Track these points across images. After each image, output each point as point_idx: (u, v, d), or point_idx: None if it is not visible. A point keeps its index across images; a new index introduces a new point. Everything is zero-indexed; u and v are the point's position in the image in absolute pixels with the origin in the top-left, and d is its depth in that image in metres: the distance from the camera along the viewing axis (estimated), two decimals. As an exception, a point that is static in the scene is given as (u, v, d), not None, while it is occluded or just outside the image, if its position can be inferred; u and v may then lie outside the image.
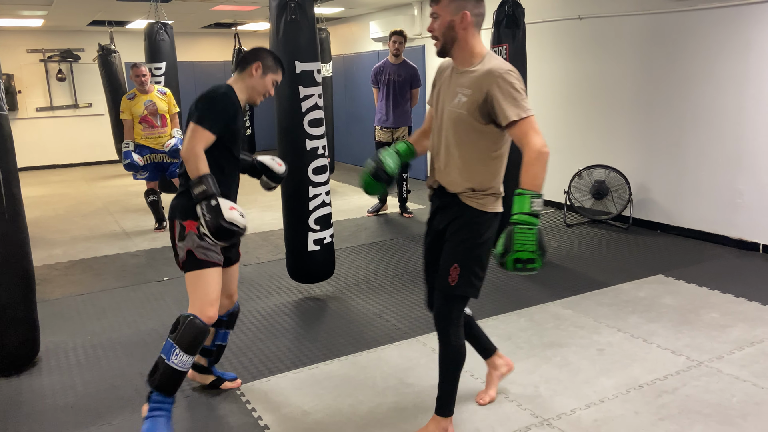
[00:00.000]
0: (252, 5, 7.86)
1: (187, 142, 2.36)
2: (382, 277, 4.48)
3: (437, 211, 2.36)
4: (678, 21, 5.02)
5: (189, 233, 2.42)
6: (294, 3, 3.68)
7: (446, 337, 2.31)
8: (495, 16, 4.58)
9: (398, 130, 6.14)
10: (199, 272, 2.42)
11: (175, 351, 2.35)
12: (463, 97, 2.18)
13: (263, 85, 2.56)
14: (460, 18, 2.15)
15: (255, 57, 2.55)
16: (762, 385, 2.77)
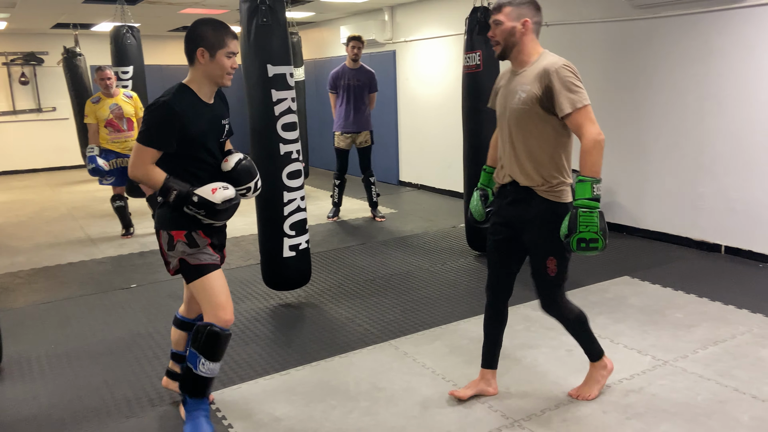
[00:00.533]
0: (221, 9, 7.80)
1: (131, 163, 2.30)
2: (354, 281, 4.48)
3: (511, 204, 2.54)
4: (641, 28, 5.14)
5: (178, 242, 2.35)
6: (265, 6, 3.66)
7: (563, 317, 2.63)
8: (467, 23, 4.63)
9: (360, 135, 6.14)
10: (201, 279, 2.36)
11: (201, 360, 2.37)
12: (522, 93, 2.40)
13: (219, 67, 2.32)
14: (521, 24, 2.41)
15: (194, 43, 2.29)
16: (726, 383, 2.84)
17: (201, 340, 2.35)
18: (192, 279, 2.37)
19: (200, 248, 2.36)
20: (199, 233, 2.38)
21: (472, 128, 4.78)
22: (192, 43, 2.30)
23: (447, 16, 7.16)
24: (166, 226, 2.38)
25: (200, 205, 2.29)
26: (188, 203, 2.29)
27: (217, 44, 2.29)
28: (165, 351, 3.38)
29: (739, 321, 3.53)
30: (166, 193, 2.29)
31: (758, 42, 4.38)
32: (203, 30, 2.30)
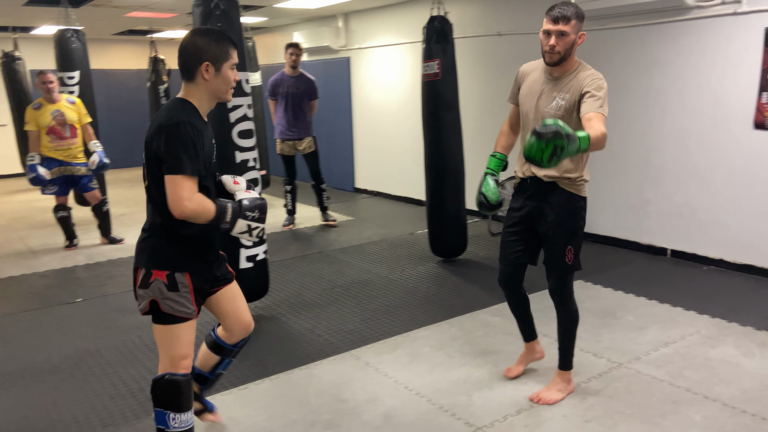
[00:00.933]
0: (169, 12, 7.61)
1: (177, 200, 1.93)
2: (312, 291, 4.42)
3: (531, 197, 2.73)
4: (590, 39, 5.27)
5: (155, 281, 2.05)
6: (219, 11, 3.58)
7: (565, 305, 2.78)
8: (425, 32, 4.66)
9: (302, 142, 6.13)
10: (167, 327, 2.10)
11: (170, 416, 2.12)
12: (561, 101, 2.60)
13: (224, 81, 2.09)
14: (579, 37, 2.60)
15: (198, 57, 2.03)
16: (678, 384, 2.93)
17: (162, 394, 2.12)
18: (158, 322, 2.10)
19: (179, 293, 2.07)
20: (185, 276, 2.08)
21: (432, 136, 4.81)
22: (193, 57, 2.04)
23: (402, 24, 7.20)
24: (145, 262, 2.08)
25: (253, 207, 2.09)
26: (243, 213, 2.06)
27: (222, 56, 2.06)
28: (115, 368, 3.25)
29: (687, 322, 3.65)
30: (222, 216, 2.02)
31: (699, 53, 4.57)
32: (205, 41, 2.05)
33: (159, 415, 2.14)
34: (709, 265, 4.72)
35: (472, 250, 5.32)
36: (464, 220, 4.93)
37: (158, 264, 2.07)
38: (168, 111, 2.02)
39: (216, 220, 2.01)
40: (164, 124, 1.97)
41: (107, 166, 5.47)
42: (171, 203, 1.94)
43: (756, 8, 4.20)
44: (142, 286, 2.08)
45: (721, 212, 4.62)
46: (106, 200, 5.84)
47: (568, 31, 2.53)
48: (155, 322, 2.12)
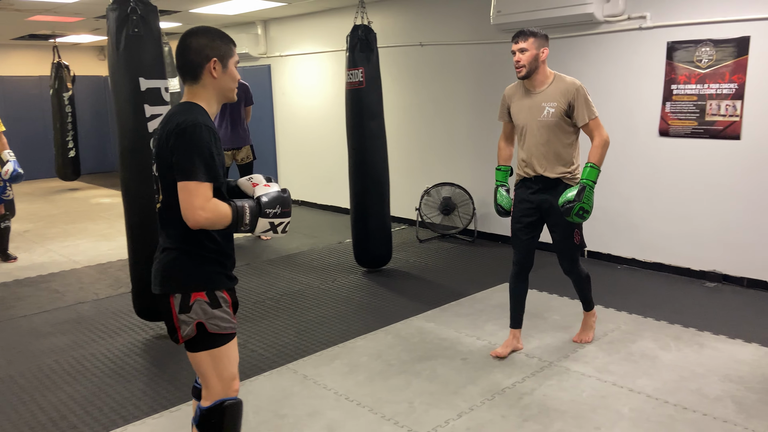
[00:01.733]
0: (75, 16, 7.20)
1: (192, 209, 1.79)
2: (241, 304, 4.29)
3: (538, 192, 3.22)
4: (507, 50, 5.49)
5: (196, 302, 1.89)
6: (137, 15, 3.43)
7: (578, 274, 3.38)
8: (349, 41, 4.66)
9: (241, 151, 5.97)
10: (216, 350, 1.93)
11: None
12: (551, 108, 3.08)
13: (232, 78, 1.99)
14: (542, 53, 3.07)
15: (204, 55, 1.91)
16: (605, 379, 3.08)
17: (221, 422, 1.95)
18: (204, 348, 1.93)
19: (222, 309, 1.94)
20: (223, 292, 1.96)
21: (357, 144, 4.80)
22: (199, 55, 1.91)
23: (324, 32, 7.18)
24: (176, 287, 1.90)
25: (273, 202, 1.94)
26: (263, 211, 1.92)
27: (228, 52, 1.96)
28: (31, 395, 3.01)
29: (607, 319, 3.85)
30: (241, 218, 1.88)
31: (608, 65, 4.86)
32: (208, 38, 1.93)
33: None
34: (623, 264, 5.02)
35: (401, 257, 5.37)
36: (389, 229, 4.95)
37: (196, 285, 1.91)
38: (180, 114, 1.87)
39: (234, 224, 1.87)
40: (179, 127, 1.83)
41: (21, 176, 5.11)
42: (184, 212, 1.80)
43: (659, 23, 4.52)
44: (182, 311, 1.89)
45: (631, 215, 4.92)
46: (8, 215, 5.44)
47: (527, 47, 3.05)
48: (200, 348, 1.92)
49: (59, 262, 5.47)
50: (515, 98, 3.25)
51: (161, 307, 1.96)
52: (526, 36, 3.06)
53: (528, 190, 3.26)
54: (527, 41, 3.05)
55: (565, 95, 3.06)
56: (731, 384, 2.99)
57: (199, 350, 1.93)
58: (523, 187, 3.30)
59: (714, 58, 4.29)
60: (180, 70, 1.95)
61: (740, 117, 4.23)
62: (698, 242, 4.58)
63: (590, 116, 3.06)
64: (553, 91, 3.09)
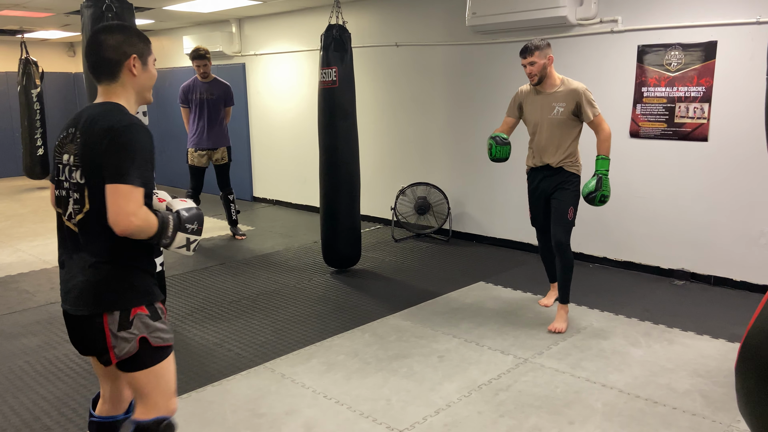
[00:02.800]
0: (45, 11, 7.05)
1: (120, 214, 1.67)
2: (217, 304, 4.27)
3: (544, 179, 3.74)
4: (481, 52, 5.56)
5: (137, 316, 1.78)
6: (112, 13, 3.38)
7: (566, 253, 3.67)
8: (323, 40, 4.66)
9: (217, 152, 5.86)
10: (159, 365, 1.83)
11: None
12: (560, 108, 3.60)
13: (150, 76, 1.89)
14: (548, 60, 3.56)
15: (122, 51, 1.80)
16: (578, 375, 3.15)
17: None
18: (148, 365, 1.81)
19: (162, 320, 1.84)
20: (159, 304, 1.86)
21: (328, 143, 4.79)
22: (117, 51, 1.79)
23: (299, 31, 7.16)
24: (110, 305, 1.77)
25: (192, 218, 1.84)
26: (182, 226, 1.82)
27: (146, 50, 1.86)
28: (3, 397, 2.96)
29: (580, 317, 3.93)
30: (164, 230, 1.77)
31: (581, 67, 4.94)
32: (126, 35, 1.82)
33: None
34: (594, 263, 5.12)
35: (376, 256, 5.39)
36: (358, 230, 4.93)
37: (135, 299, 1.79)
38: (111, 114, 1.75)
39: (158, 236, 1.77)
40: (114, 128, 1.71)
41: None
42: (114, 217, 1.67)
43: (630, 27, 4.63)
44: (123, 328, 1.77)
45: (602, 214, 5.01)
46: None
47: (535, 60, 3.54)
48: (142, 367, 1.80)
49: (29, 262, 5.36)
50: (529, 97, 3.73)
51: (84, 328, 1.80)
52: (532, 51, 3.53)
53: (536, 179, 3.79)
54: (533, 54, 3.53)
55: (574, 97, 3.55)
56: (699, 378, 3.09)
57: (140, 368, 1.81)
58: (534, 176, 3.81)
59: (683, 61, 4.40)
60: (94, 69, 1.82)
61: (708, 119, 4.36)
62: (667, 241, 4.70)
63: (594, 114, 3.56)
64: (563, 93, 3.59)
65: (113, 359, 1.78)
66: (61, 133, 1.84)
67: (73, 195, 1.78)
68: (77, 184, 1.77)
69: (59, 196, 1.84)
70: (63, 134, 1.83)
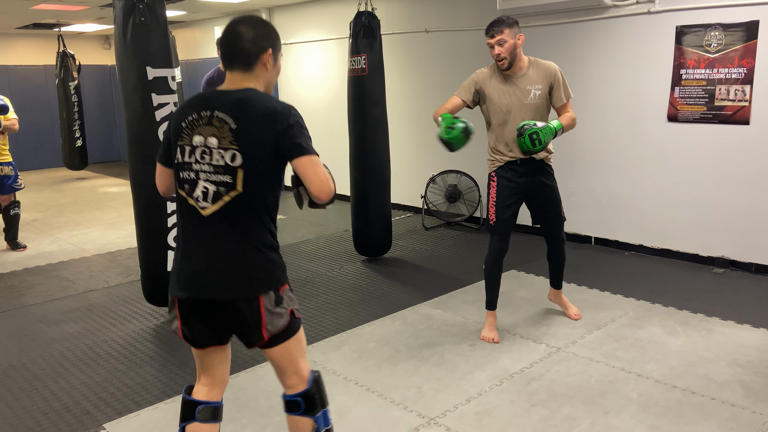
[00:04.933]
0: (80, 5, 7.18)
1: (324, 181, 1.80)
2: (249, 292, 4.32)
3: (524, 175, 3.31)
4: (514, 36, 5.46)
5: (284, 292, 1.87)
6: (143, 4, 3.42)
7: (563, 249, 3.59)
8: (352, 27, 4.64)
9: None
10: (300, 334, 1.94)
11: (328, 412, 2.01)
12: (536, 91, 3.21)
13: (278, 72, 1.96)
14: (518, 39, 3.15)
15: (261, 45, 1.84)
16: (613, 364, 3.09)
17: (319, 393, 1.96)
18: (293, 335, 1.91)
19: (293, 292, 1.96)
20: None
21: (358, 131, 4.79)
22: (256, 45, 1.83)
23: (328, 19, 7.15)
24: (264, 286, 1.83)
25: None
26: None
27: (279, 46, 1.92)
28: (44, 382, 3.05)
29: (615, 306, 3.86)
30: None
31: (616, 50, 4.83)
32: (265, 30, 1.87)
33: (324, 417, 1.98)
34: (630, 251, 5.01)
35: (406, 244, 5.38)
36: (389, 218, 4.93)
37: (282, 277, 1.88)
38: (266, 99, 1.82)
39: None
40: (280, 110, 1.78)
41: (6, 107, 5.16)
42: (318, 185, 1.77)
43: (668, 7, 4.48)
44: (278, 304, 1.84)
45: (638, 201, 4.91)
46: (18, 203, 5.50)
47: (505, 38, 3.11)
48: (290, 336, 1.89)
49: (69, 251, 5.51)
50: (492, 83, 3.27)
51: (228, 312, 1.83)
52: (501, 27, 3.10)
53: (514, 173, 3.32)
54: (503, 32, 3.10)
55: (547, 77, 3.21)
56: (739, 369, 3.00)
57: (289, 338, 1.88)
58: (509, 171, 3.32)
59: (723, 42, 4.25)
60: (229, 57, 1.85)
61: (749, 102, 4.20)
62: (706, 228, 4.57)
63: (568, 97, 3.26)
64: (534, 74, 3.22)
65: (265, 336, 1.83)
66: (187, 116, 1.84)
67: (215, 178, 1.79)
68: (226, 167, 1.77)
69: (186, 179, 1.84)
70: (191, 117, 1.83)
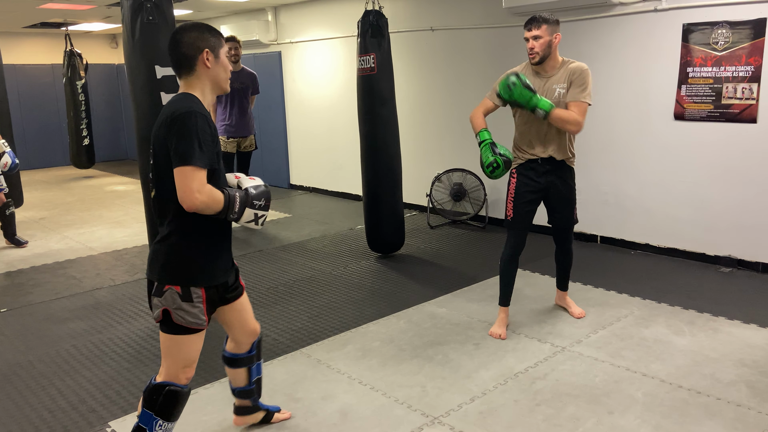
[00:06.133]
0: (87, 4, 7.21)
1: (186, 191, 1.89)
2: (255, 290, 4.33)
3: (544, 174, 3.31)
4: (518, 34, 5.43)
5: (169, 290, 2.02)
6: (151, 3, 3.43)
7: (571, 249, 3.60)
8: (360, 26, 4.64)
9: (246, 139, 6.00)
10: (177, 337, 2.06)
11: (158, 422, 2.09)
12: (561, 90, 3.19)
13: (224, 68, 2.09)
14: (555, 38, 3.16)
15: (197, 47, 2.01)
16: (618, 364, 3.08)
17: (158, 401, 2.08)
18: (167, 332, 2.07)
19: (192, 303, 2.04)
20: (200, 288, 2.05)
21: (368, 130, 4.80)
22: (192, 47, 2.01)
23: (334, 18, 7.15)
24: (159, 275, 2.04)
25: (259, 195, 2.08)
26: (250, 202, 2.04)
27: (218, 43, 2.07)
28: (50, 380, 3.07)
29: (620, 305, 3.84)
30: (231, 205, 2.00)
31: (622, 48, 4.80)
32: (198, 32, 2.03)
33: (146, 416, 2.09)
34: (636, 249, 4.99)
35: (411, 243, 5.38)
36: (401, 215, 4.96)
37: (172, 278, 2.03)
38: (174, 104, 1.97)
39: (225, 211, 1.99)
40: (174, 115, 1.92)
41: (17, 166, 5.24)
42: (181, 195, 1.90)
43: (674, 5, 4.46)
44: (156, 294, 2.04)
45: (645, 199, 4.88)
46: (11, 202, 5.54)
47: (541, 34, 3.14)
48: (164, 331, 2.08)
49: (75, 249, 5.54)
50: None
51: (148, 287, 2.11)
52: (539, 23, 3.14)
53: (534, 173, 3.33)
54: (540, 28, 3.14)
55: (570, 75, 3.18)
56: (745, 368, 2.98)
57: (164, 332, 2.07)
58: (530, 170, 3.34)
59: (730, 40, 4.22)
60: (175, 65, 2.05)
61: (757, 100, 4.17)
62: (713, 227, 4.54)
63: (583, 98, 3.15)
64: (562, 74, 3.22)
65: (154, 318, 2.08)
66: None
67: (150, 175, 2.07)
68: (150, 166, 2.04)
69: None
70: None
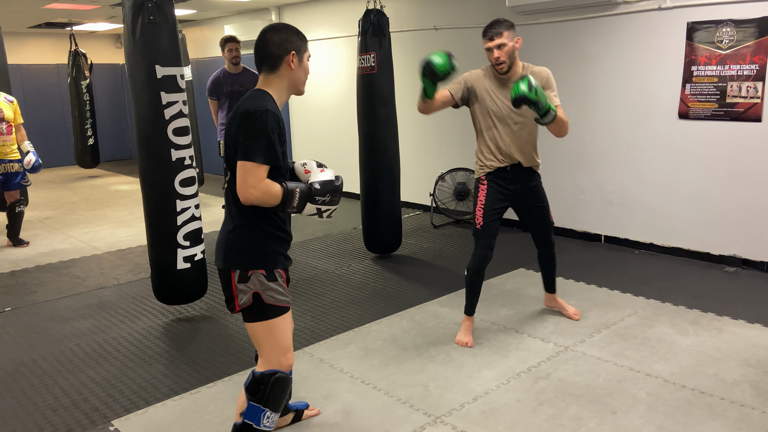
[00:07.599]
0: (91, 4, 7.24)
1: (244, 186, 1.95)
2: (257, 289, 4.33)
3: (513, 182, 3.26)
4: (522, 33, 5.40)
5: (254, 274, 2.05)
6: (152, 3, 3.43)
7: (553, 252, 3.57)
8: (361, 25, 4.63)
9: None
10: (271, 321, 2.08)
11: (266, 414, 2.11)
12: None
13: (305, 72, 2.15)
14: (516, 43, 3.07)
15: (284, 48, 2.07)
16: (621, 363, 3.07)
17: (266, 390, 2.08)
18: (259, 318, 2.08)
19: (278, 282, 2.09)
20: (280, 271, 2.11)
21: (367, 130, 4.79)
22: (280, 47, 2.07)
23: (337, 17, 7.15)
24: (237, 263, 2.06)
25: (324, 191, 2.07)
26: (312, 196, 2.05)
27: (303, 48, 2.14)
28: (54, 378, 3.08)
29: (624, 304, 3.83)
30: (290, 198, 2.01)
31: (626, 47, 4.78)
32: (288, 33, 2.10)
33: (253, 410, 2.10)
34: (641, 249, 4.97)
35: (415, 242, 5.37)
36: (399, 215, 4.93)
37: (255, 263, 2.06)
38: (250, 100, 2.03)
39: (282, 205, 2.01)
40: (249, 111, 1.98)
41: (40, 166, 5.42)
42: (238, 189, 1.97)
43: (679, 3, 4.44)
44: (241, 281, 2.06)
45: (649, 199, 4.87)
46: (23, 200, 5.59)
47: (505, 42, 3.02)
48: (255, 319, 2.09)
49: (80, 248, 5.55)
50: (484, 84, 3.18)
51: (221, 277, 2.14)
52: (500, 30, 3.02)
53: (504, 180, 3.27)
54: (503, 35, 3.01)
55: (540, 81, 3.06)
56: (749, 368, 2.97)
57: (256, 320, 2.08)
58: (498, 178, 3.26)
59: (735, 38, 4.20)
60: (259, 61, 2.11)
61: (761, 98, 4.15)
62: (717, 226, 4.52)
63: (558, 102, 3.10)
64: None
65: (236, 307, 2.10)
66: None
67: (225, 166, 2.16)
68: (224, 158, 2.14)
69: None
70: None
